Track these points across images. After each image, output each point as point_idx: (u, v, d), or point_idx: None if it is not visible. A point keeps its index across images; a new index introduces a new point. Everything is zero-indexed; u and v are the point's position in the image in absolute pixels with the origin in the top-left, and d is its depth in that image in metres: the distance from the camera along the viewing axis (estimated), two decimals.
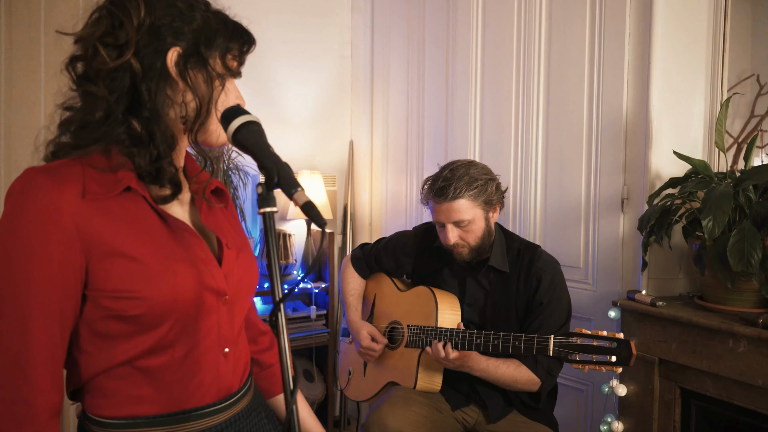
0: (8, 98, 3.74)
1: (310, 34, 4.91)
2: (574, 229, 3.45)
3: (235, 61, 1.51)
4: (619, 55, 3.20)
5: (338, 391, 4.77)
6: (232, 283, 1.53)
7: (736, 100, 3.33)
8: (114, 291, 1.35)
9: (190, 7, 1.44)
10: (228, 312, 1.52)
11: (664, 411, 2.98)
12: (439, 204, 2.85)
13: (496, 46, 3.90)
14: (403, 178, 4.70)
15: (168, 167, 1.45)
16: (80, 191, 1.34)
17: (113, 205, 1.39)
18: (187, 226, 1.49)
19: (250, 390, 1.66)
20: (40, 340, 1.33)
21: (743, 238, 2.58)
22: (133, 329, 1.39)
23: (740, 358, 2.61)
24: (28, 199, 1.32)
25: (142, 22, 1.40)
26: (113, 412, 1.43)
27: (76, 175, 1.36)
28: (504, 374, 2.81)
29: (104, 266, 1.35)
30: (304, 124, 4.90)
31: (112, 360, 1.41)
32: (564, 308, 2.88)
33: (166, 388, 1.44)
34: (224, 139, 1.47)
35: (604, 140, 3.29)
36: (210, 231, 1.57)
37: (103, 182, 1.38)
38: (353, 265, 3.41)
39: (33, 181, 1.33)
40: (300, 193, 1.21)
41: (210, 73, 1.44)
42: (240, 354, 1.60)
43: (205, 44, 1.43)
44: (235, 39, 1.49)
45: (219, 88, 1.46)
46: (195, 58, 1.42)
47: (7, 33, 3.71)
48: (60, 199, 1.32)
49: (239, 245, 1.62)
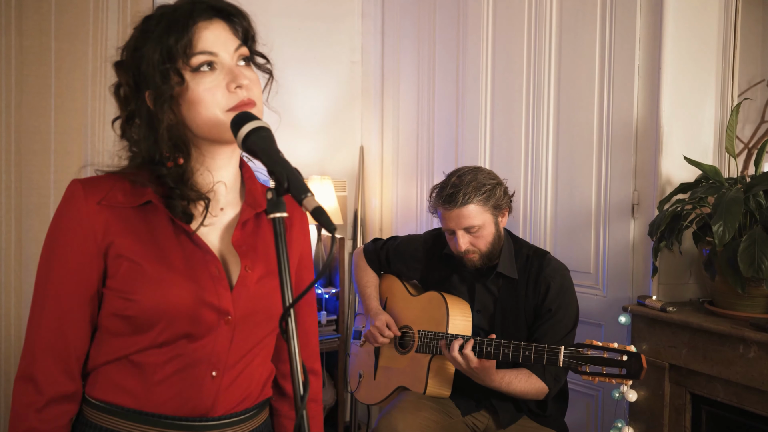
0: (19, 103, 3.76)
1: (320, 39, 4.92)
2: (584, 235, 3.45)
3: (191, 58, 1.43)
4: (630, 60, 3.20)
5: (348, 396, 4.78)
6: (242, 306, 1.52)
7: (747, 106, 3.32)
8: (117, 289, 1.47)
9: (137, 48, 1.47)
10: (229, 333, 1.51)
11: (674, 416, 2.97)
12: (448, 211, 2.85)
13: (507, 52, 3.90)
14: (414, 183, 4.71)
15: (187, 192, 1.49)
16: (99, 199, 1.48)
17: (133, 214, 1.50)
18: (204, 244, 1.50)
19: (246, 423, 1.60)
20: (47, 328, 1.48)
21: (753, 244, 2.58)
22: (129, 329, 1.47)
23: (751, 363, 2.61)
24: (65, 205, 1.49)
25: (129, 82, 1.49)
26: (99, 394, 1.52)
27: (105, 186, 1.50)
28: (515, 390, 2.81)
29: (114, 266, 1.47)
30: (314, 129, 4.91)
31: (112, 353, 1.50)
32: (572, 315, 2.88)
33: (148, 387, 1.48)
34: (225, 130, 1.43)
35: (614, 145, 3.29)
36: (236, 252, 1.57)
37: (129, 194, 1.50)
38: (366, 257, 3.41)
39: (69, 190, 1.50)
40: (310, 198, 1.21)
41: (166, 94, 1.43)
42: (238, 382, 1.56)
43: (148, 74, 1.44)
44: (167, 41, 1.42)
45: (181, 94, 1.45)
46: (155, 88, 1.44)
47: (17, 38, 3.73)
48: (85, 207, 1.47)
49: (271, 272, 1.59)
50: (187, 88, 1.43)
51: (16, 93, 3.75)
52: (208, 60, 1.44)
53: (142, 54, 1.43)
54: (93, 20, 3.91)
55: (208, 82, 1.44)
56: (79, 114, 3.91)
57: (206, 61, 1.44)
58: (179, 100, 1.44)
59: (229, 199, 1.60)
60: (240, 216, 1.58)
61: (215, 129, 1.45)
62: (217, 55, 1.45)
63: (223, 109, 1.44)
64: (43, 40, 3.79)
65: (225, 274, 1.52)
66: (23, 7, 3.73)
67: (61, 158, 3.86)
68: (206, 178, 1.54)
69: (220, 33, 1.47)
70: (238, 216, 1.59)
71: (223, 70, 1.45)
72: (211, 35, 1.45)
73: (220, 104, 1.44)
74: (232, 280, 1.53)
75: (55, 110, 3.84)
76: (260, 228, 1.63)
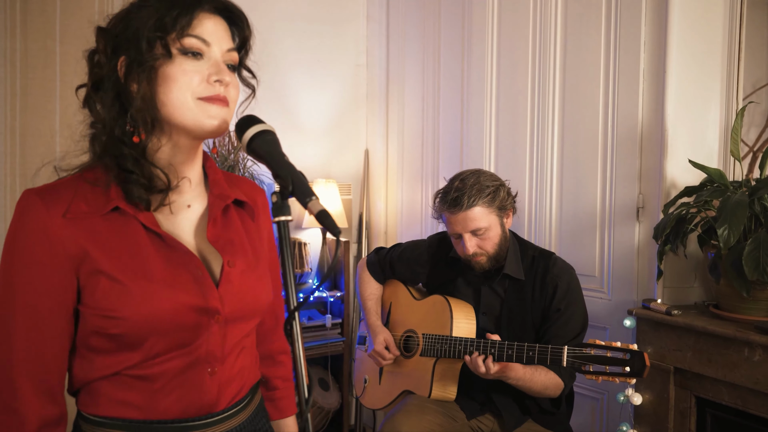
0: (23, 106, 3.76)
1: (325, 43, 4.93)
2: (589, 238, 3.45)
3: (184, 37, 1.41)
4: (635, 63, 3.20)
5: (353, 400, 4.78)
6: (229, 302, 1.51)
7: (752, 109, 3.32)
8: (97, 309, 1.40)
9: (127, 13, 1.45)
10: (221, 331, 1.50)
11: (679, 420, 2.97)
12: (454, 215, 2.85)
13: (511, 55, 3.90)
14: (419, 186, 4.71)
15: (149, 168, 1.45)
16: (63, 212, 1.40)
17: (100, 223, 1.43)
18: (181, 245, 1.47)
19: (245, 410, 1.63)
20: (23, 351, 1.41)
21: (758, 247, 2.58)
22: (116, 346, 1.43)
23: (756, 366, 2.60)
24: (23, 219, 1.40)
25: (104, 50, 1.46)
26: (99, 411, 1.48)
27: (66, 196, 1.43)
28: (538, 382, 2.80)
29: (90, 283, 1.41)
30: (320, 132, 4.91)
31: (100, 371, 1.46)
32: (580, 314, 2.88)
33: (150, 397, 1.46)
34: (197, 117, 1.42)
35: (619, 149, 3.29)
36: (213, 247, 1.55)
37: (93, 200, 1.43)
38: (369, 269, 3.42)
39: (25, 203, 1.41)
40: (315, 201, 1.21)
41: (146, 63, 1.40)
42: (233, 374, 1.57)
43: (134, 41, 1.41)
44: (167, 15, 1.40)
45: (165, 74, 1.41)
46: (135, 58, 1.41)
47: (22, 41, 3.73)
48: (47, 220, 1.39)
49: (250, 263, 1.59)
50: (169, 64, 1.40)
51: (21, 96, 3.75)
52: (198, 47, 1.42)
53: (133, 19, 1.41)
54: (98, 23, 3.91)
55: (191, 65, 1.41)
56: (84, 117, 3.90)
57: (196, 47, 1.41)
58: (154, 74, 1.40)
59: (194, 194, 1.57)
60: (210, 210, 1.56)
61: (180, 113, 1.41)
62: (210, 46, 1.43)
63: (194, 95, 1.41)
64: (47, 42, 3.79)
65: (207, 272, 1.50)
66: (28, 9, 3.74)
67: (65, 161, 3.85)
68: (171, 173, 1.50)
69: (219, 28, 1.46)
70: (206, 210, 1.57)
71: (209, 62, 1.43)
72: (210, 26, 1.44)
73: (193, 90, 1.41)
74: (216, 277, 1.52)
75: (59, 114, 3.84)
76: (230, 219, 1.61)
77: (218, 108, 1.41)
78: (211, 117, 1.41)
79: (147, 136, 1.44)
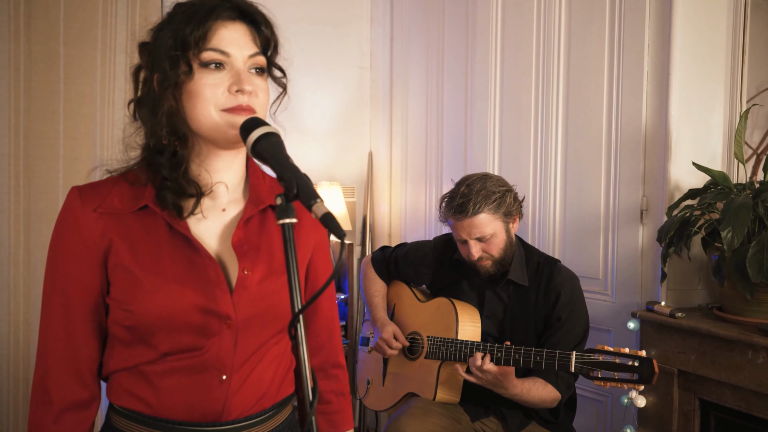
0: (27, 108, 3.76)
1: (328, 45, 4.92)
2: (593, 240, 3.45)
3: (202, 52, 1.43)
4: (639, 66, 3.20)
5: (357, 402, 4.77)
6: (243, 309, 1.50)
7: (755, 112, 3.32)
8: (116, 300, 1.48)
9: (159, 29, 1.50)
10: (232, 337, 1.50)
11: (683, 422, 2.97)
12: (459, 221, 2.85)
13: (515, 58, 3.90)
14: (422, 188, 4.70)
15: (181, 182, 1.49)
16: (95, 206, 1.49)
17: (131, 220, 1.50)
18: (202, 248, 1.49)
19: (263, 424, 1.59)
20: (56, 338, 1.51)
21: (762, 249, 2.58)
22: (132, 339, 1.48)
23: (759, 369, 2.60)
24: (64, 213, 1.51)
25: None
26: (117, 400, 1.54)
27: (102, 192, 1.51)
28: (534, 397, 2.80)
29: (114, 275, 1.48)
30: (323, 134, 4.91)
31: (122, 363, 1.52)
32: (582, 324, 2.88)
33: (158, 394, 1.49)
34: (222, 128, 1.45)
35: (623, 151, 3.28)
36: None
37: (127, 198, 1.50)
38: (374, 266, 3.41)
39: (68, 198, 1.52)
40: (319, 204, 1.21)
41: (171, 80, 1.44)
42: (249, 384, 1.54)
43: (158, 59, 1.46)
44: (183, 30, 1.43)
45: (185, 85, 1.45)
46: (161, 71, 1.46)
47: (26, 44, 3.74)
48: (80, 214, 1.49)
49: (275, 270, 1.57)
50: (191, 79, 1.43)
51: (25, 98, 3.76)
52: (217, 59, 1.44)
53: (159, 37, 1.46)
54: (102, 25, 3.92)
55: (213, 78, 1.43)
56: (88, 119, 3.91)
57: (216, 59, 1.44)
58: (182, 89, 1.45)
59: (232, 198, 1.58)
60: (243, 214, 1.56)
61: (206, 126, 1.45)
62: (229, 56, 1.45)
63: (218, 107, 1.43)
64: (51, 45, 3.80)
65: (224, 277, 1.50)
66: (32, 12, 3.74)
67: (69, 164, 3.87)
68: (204, 179, 1.53)
69: (238, 35, 1.47)
70: (240, 214, 1.58)
71: (231, 71, 1.45)
72: (228, 35, 1.45)
73: (217, 102, 1.43)
74: (232, 282, 1.52)
75: (63, 115, 3.84)
76: (266, 225, 1.61)
77: (243, 118, 1.41)
78: (235, 127, 1.42)
79: (181, 147, 1.49)
